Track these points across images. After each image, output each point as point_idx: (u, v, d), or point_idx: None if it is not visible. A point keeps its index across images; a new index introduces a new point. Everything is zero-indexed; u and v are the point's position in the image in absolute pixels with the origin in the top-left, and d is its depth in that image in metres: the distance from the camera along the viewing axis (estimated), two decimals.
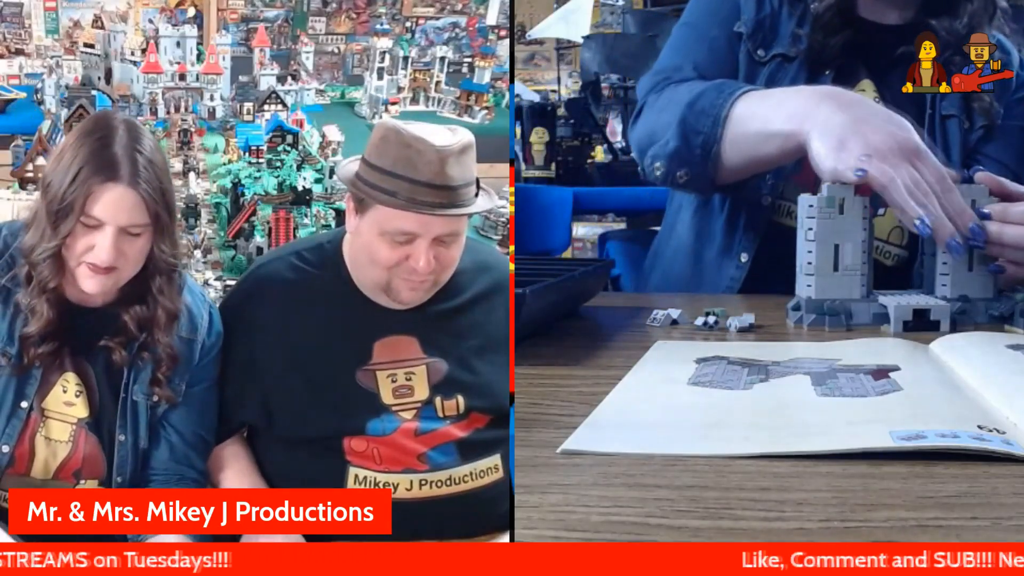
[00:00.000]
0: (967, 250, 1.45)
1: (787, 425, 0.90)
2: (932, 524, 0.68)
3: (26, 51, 2.77)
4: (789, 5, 1.91)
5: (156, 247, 1.24)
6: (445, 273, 1.31)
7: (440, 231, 1.26)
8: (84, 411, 1.25)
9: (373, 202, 1.26)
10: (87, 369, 1.26)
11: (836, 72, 1.84)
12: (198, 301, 1.32)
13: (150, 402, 1.28)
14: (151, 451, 1.29)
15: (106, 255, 1.19)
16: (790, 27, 1.89)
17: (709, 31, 1.95)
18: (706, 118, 1.71)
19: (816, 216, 1.45)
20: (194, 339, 1.30)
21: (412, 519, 1.25)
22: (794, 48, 1.87)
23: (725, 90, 1.74)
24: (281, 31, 3.02)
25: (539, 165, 3.55)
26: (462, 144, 1.26)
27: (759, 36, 1.90)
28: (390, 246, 1.26)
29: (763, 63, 1.89)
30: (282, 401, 1.31)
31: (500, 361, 1.33)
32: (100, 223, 1.19)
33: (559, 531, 0.68)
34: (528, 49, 6.50)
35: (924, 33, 1.64)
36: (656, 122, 1.84)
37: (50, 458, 1.23)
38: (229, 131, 2.60)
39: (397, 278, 1.28)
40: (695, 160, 1.73)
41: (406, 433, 1.30)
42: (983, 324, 1.44)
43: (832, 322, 1.43)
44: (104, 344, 1.26)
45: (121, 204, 1.19)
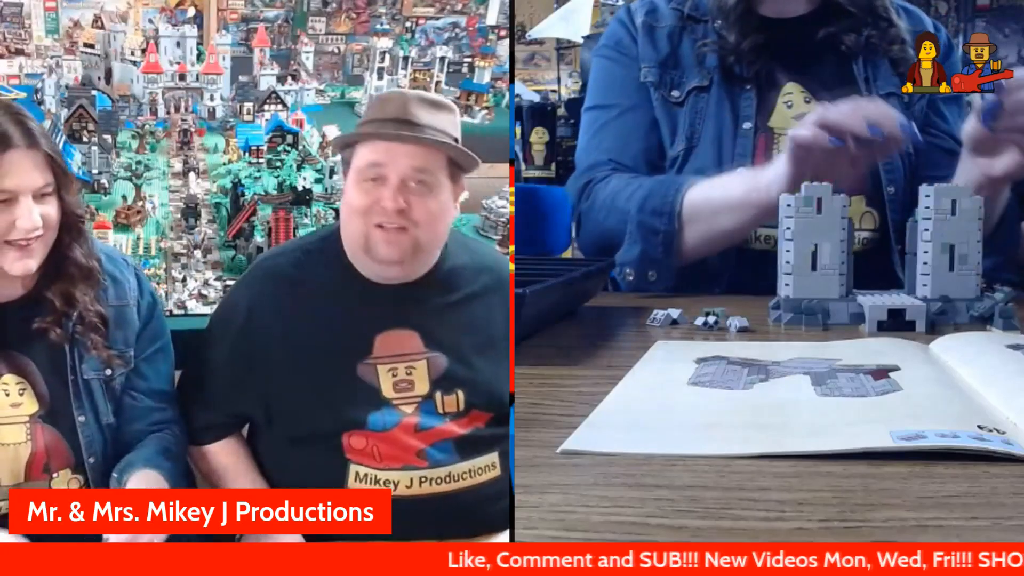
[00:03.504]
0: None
1: (787, 425, 0.90)
2: (932, 524, 0.68)
3: (26, 51, 2.76)
4: (689, 32, 1.92)
5: (63, 202, 1.22)
6: (423, 230, 1.30)
7: (405, 164, 1.28)
8: (33, 406, 1.24)
9: (351, 152, 1.32)
10: (24, 363, 1.25)
11: (756, 85, 1.86)
12: (120, 267, 1.32)
13: (103, 376, 1.27)
14: (124, 422, 1.28)
15: (29, 223, 1.17)
16: (694, 58, 1.90)
17: (617, 103, 1.96)
18: (660, 217, 1.76)
19: (794, 215, 1.45)
20: (126, 303, 1.30)
21: (412, 518, 1.25)
22: (706, 76, 1.88)
23: (671, 186, 1.77)
24: (281, 31, 3.02)
25: (539, 165, 3.56)
26: (434, 99, 1.34)
27: (667, 78, 1.92)
28: (364, 191, 1.29)
29: (680, 103, 1.90)
30: (282, 394, 1.32)
31: (500, 359, 1.33)
32: (13, 194, 1.17)
33: (559, 531, 0.68)
34: (528, 49, 6.50)
35: (924, 33, 1.64)
36: (602, 228, 1.88)
37: (13, 463, 1.22)
38: (229, 131, 2.60)
39: (372, 228, 1.29)
40: (659, 256, 1.78)
41: (406, 429, 1.30)
42: (963, 324, 1.44)
43: (809, 321, 1.43)
44: (38, 327, 1.24)
45: (27, 168, 1.18)
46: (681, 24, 1.93)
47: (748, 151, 1.84)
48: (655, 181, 1.82)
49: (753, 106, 1.86)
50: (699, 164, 1.86)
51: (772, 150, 1.84)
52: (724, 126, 1.86)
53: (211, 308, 1.49)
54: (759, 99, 1.86)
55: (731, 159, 1.84)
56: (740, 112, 1.86)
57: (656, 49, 1.92)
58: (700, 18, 1.92)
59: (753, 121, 1.85)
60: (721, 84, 1.87)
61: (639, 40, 1.95)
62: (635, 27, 1.96)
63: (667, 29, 1.94)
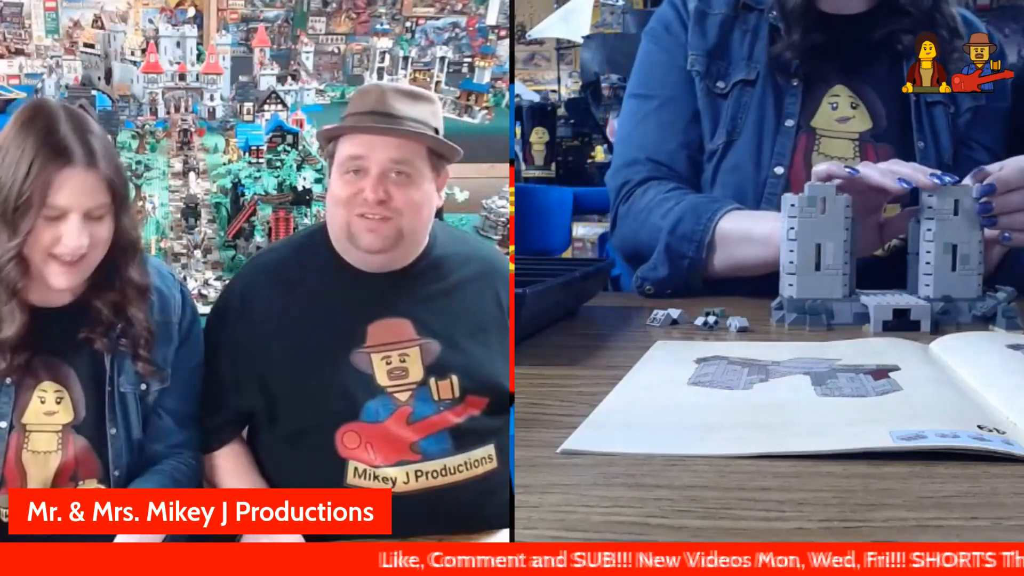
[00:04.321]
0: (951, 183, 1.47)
1: (787, 425, 0.90)
2: (932, 524, 0.68)
3: (26, 51, 2.76)
4: (741, 22, 1.89)
5: (118, 224, 1.22)
6: (406, 219, 1.31)
7: (385, 156, 1.30)
8: (68, 416, 1.23)
9: (333, 144, 1.34)
10: (65, 372, 1.24)
11: (804, 82, 1.84)
12: (168, 282, 1.31)
13: (138, 391, 1.27)
14: (147, 439, 1.28)
15: (75, 241, 1.16)
16: (743, 50, 1.87)
17: (658, 93, 1.94)
18: (690, 243, 1.74)
19: (797, 215, 1.45)
20: (169, 320, 1.29)
21: (410, 514, 1.25)
22: (753, 69, 1.85)
23: (704, 212, 1.75)
24: (281, 31, 3.02)
25: (539, 165, 3.55)
26: (412, 90, 1.35)
27: (714, 69, 1.89)
28: (345, 182, 1.31)
29: (724, 95, 1.87)
30: (281, 385, 1.33)
31: (492, 343, 1.34)
32: (64, 211, 1.16)
33: (559, 531, 0.68)
34: (528, 49, 6.50)
35: (924, 33, 1.64)
36: (636, 239, 1.86)
37: (44, 471, 1.22)
38: (229, 131, 2.60)
39: (354, 216, 1.31)
40: (682, 280, 1.76)
41: (399, 420, 1.30)
42: (966, 324, 1.44)
43: (813, 321, 1.43)
44: (83, 337, 1.24)
45: (82, 188, 1.17)
46: (734, 13, 1.89)
47: (788, 149, 1.81)
48: (690, 204, 1.78)
49: (798, 104, 1.83)
50: (737, 159, 1.84)
51: (812, 151, 1.82)
52: (766, 122, 1.83)
53: (211, 308, 1.50)
54: (805, 97, 1.83)
55: (770, 156, 1.82)
56: (784, 109, 1.83)
57: (705, 38, 1.89)
58: (755, 7, 1.88)
59: (796, 119, 1.82)
60: (768, 79, 1.84)
61: (689, 26, 1.91)
62: (687, 11, 1.93)
63: (719, 17, 1.90)
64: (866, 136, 1.82)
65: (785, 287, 1.48)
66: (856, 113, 1.82)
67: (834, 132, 1.83)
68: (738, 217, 1.74)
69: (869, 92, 1.84)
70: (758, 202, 1.82)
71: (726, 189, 1.84)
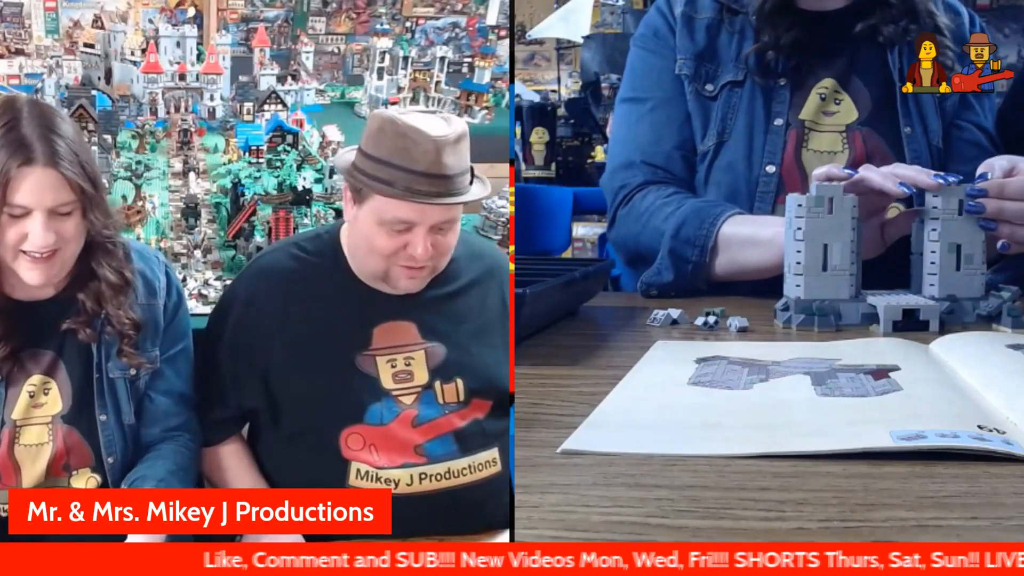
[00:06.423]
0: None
1: (787, 425, 0.90)
2: (932, 524, 0.68)
3: (26, 51, 2.76)
4: (727, 25, 1.90)
5: (88, 221, 1.21)
6: (442, 260, 1.33)
7: (437, 219, 1.28)
8: (56, 406, 1.24)
9: (371, 192, 1.28)
10: (52, 362, 1.25)
11: (791, 80, 1.85)
12: (152, 264, 1.31)
13: (128, 375, 1.27)
14: (141, 424, 1.28)
15: (41, 240, 1.16)
16: (731, 52, 1.89)
17: (651, 96, 1.95)
18: (693, 247, 1.75)
19: (805, 216, 1.45)
20: (154, 303, 1.30)
21: (412, 516, 1.26)
22: (741, 70, 1.87)
23: (707, 216, 1.76)
24: (281, 31, 3.02)
25: (539, 165, 3.55)
26: (457, 134, 1.28)
27: (702, 71, 1.90)
28: (388, 235, 1.28)
29: (713, 97, 1.89)
30: (284, 385, 1.32)
31: (497, 344, 1.34)
32: (27, 209, 1.16)
33: (559, 531, 0.68)
34: (528, 49, 6.49)
35: (923, 33, 1.64)
36: (636, 240, 1.87)
37: (37, 463, 1.22)
38: (229, 131, 2.60)
39: (395, 266, 1.30)
40: (686, 284, 1.77)
41: (403, 423, 1.30)
42: (970, 324, 1.44)
43: (821, 322, 1.42)
44: (68, 327, 1.24)
45: (43, 185, 1.16)
46: (720, 16, 1.91)
47: (778, 148, 1.83)
48: (692, 208, 1.79)
49: (786, 102, 1.84)
50: (729, 159, 1.85)
51: (802, 147, 1.83)
52: (756, 121, 1.85)
53: (211, 308, 1.49)
54: (792, 95, 1.85)
55: (761, 155, 1.83)
56: (773, 108, 1.84)
57: (693, 41, 1.91)
58: (739, 10, 1.89)
59: (785, 117, 1.84)
60: (755, 79, 1.86)
61: (677, 31, 1.93)
62: (674, 17, 1.94)
63: (706, 21, 1.92)
64: (853, 126, 1.84)
65: (792, 288, 1.47)
66: (842, 107, 1.83)
67: (822, 127, 1.84)
68: (741, 222, 1.75)
69: (855, 82, 1.85)
70: (751, 201, 1.83)
71: (719, 189, 1.85)
